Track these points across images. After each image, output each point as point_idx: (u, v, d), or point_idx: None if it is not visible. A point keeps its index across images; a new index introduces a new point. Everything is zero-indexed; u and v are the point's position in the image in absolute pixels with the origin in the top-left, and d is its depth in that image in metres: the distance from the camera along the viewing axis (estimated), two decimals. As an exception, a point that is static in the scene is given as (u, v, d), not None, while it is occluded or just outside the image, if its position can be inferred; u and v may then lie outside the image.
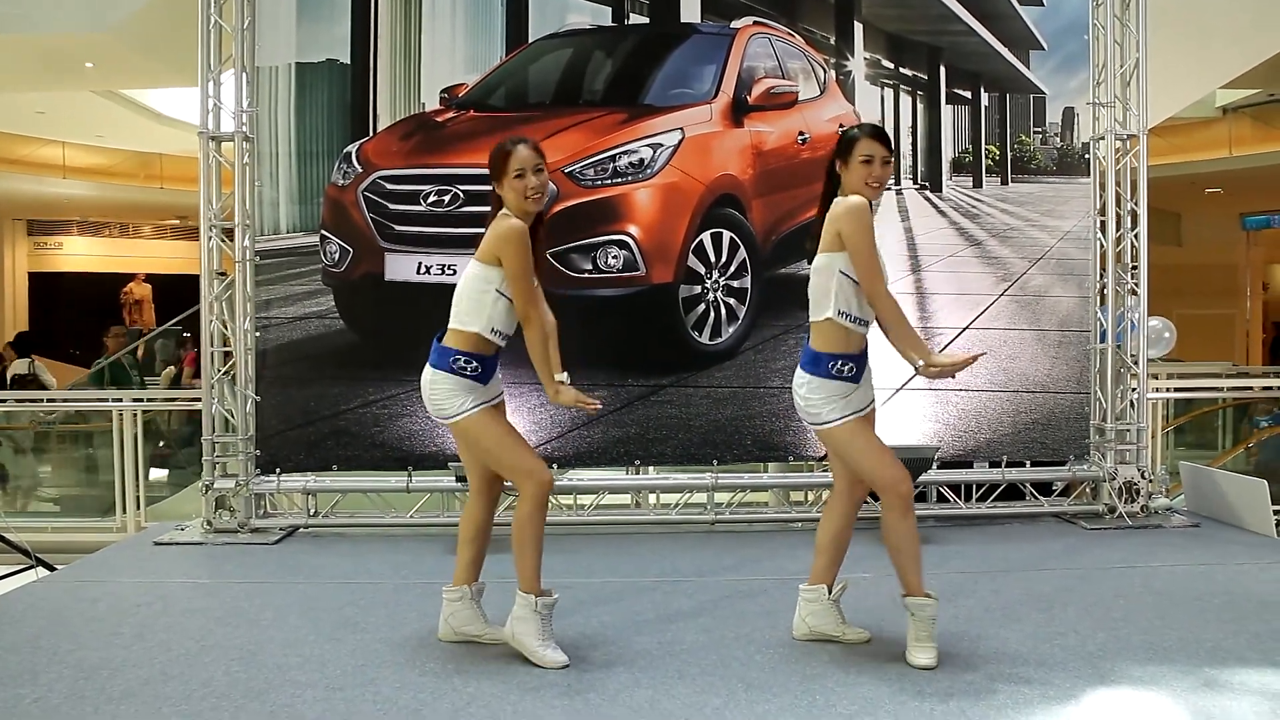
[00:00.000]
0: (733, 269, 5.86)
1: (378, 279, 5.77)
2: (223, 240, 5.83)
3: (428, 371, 3.66)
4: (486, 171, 3.65)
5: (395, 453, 5.79)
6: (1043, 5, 6.16)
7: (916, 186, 6.16)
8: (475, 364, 3.60)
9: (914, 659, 3.55)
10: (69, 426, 9.13)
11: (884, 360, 3.78)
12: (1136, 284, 5.97)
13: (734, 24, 5.98)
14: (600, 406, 3.67)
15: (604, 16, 6.01)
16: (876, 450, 3.59)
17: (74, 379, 12.97)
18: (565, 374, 3.66)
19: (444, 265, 5.64)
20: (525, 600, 3.61)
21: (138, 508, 7.32)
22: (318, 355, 5.89)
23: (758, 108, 5.91)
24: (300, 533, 5.86)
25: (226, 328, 5.86)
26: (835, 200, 3.59)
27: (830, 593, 3.83)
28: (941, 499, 6.12)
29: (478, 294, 3.59)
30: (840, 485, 3.83)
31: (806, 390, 3.60)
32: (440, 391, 3.62)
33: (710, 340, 5.86)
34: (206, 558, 5.42)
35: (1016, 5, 6.14)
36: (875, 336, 3.65)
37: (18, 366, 11.41)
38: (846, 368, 3.56)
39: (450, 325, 3.63)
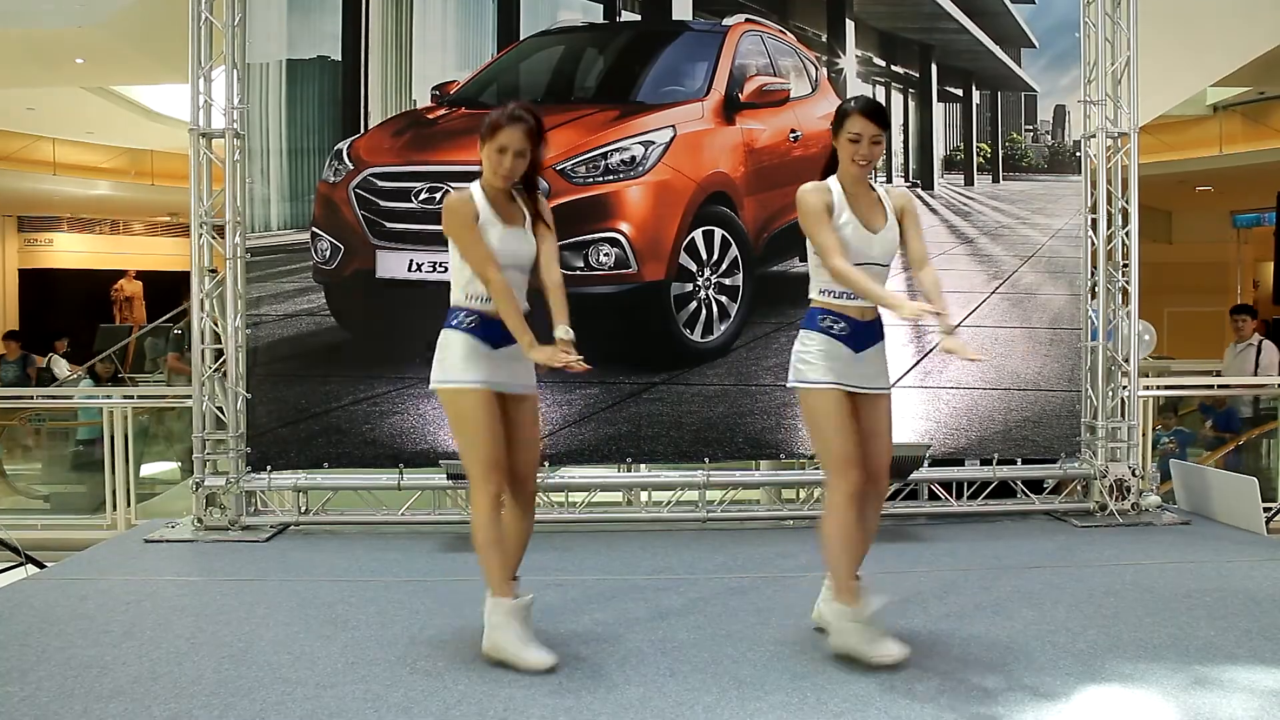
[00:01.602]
0: (724, 266, 5.86)
1: (369, 276, 5.76)
2: (213, 237, 5.82)
3: (441, 335, 3.61)
4: (478, 169, 3.64)
5: (386, 450, 5.78)
6: (1034, 3, 6.17)
7: (908, 184, 6.16)
8: (472, 317, 3.56)
9: (886, 653, 3.47)
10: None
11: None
12: (1128, 282, 5.98)
13: (726, 21, 5.97)
14: (581, 361, 3.45)
15: (595, 13, 6.00)
16: (844, 433, 3.52)
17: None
18: (566, 330, 3.53)
19: (435, 263, 5.63)
20: (501, 605, 3.55)
21: (128, 505, 7.30)
22: (309, 352, 5.88)
23: (750, 105, 5.91)
24: (291, 530, 5.85)
25: (217, 325, 5.84)
26: None
27: None
28: (933, 496, 6.14)
29: (456, 268, 3.61)
30: None
31: (799, 344, 3.60)
32: (449, 352, 3.56)
33: (702, 338, 5.86)
34: (197, 555, 5.40)
35: (1008, 3, 6.15)
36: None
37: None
38: (838, 325, 3.55)
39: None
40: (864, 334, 3.61)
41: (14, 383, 11.04)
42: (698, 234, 5.77)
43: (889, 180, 6.13)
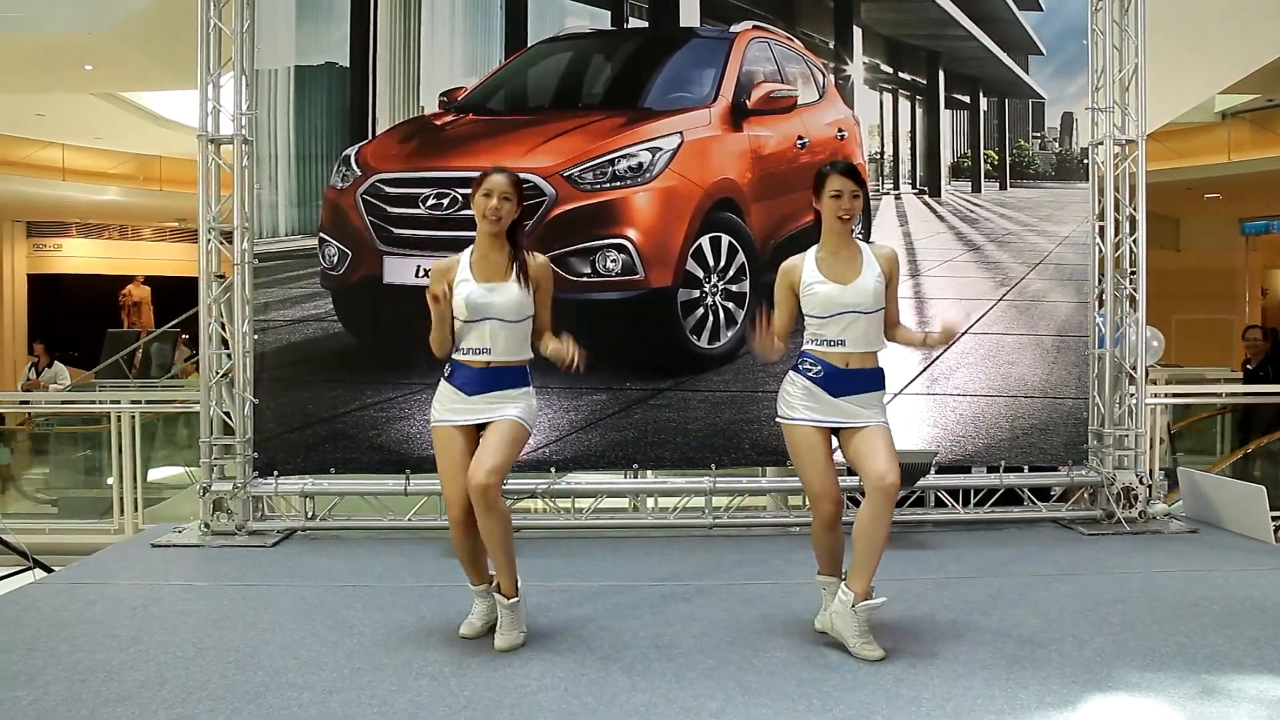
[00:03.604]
0: (731, 273, 5.86)
1: (376, 282, 5.77)
2: (221, 243, 5.83)
3: None
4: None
5: (393, 455, 5.79)
6: (1041, 10, 6.17)
7: (915, 191, 6.16)
8: (450, 368, 3.90)
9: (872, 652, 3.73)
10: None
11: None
12: (1135, 289, 5.97)
13: (733, 28, 5.98)
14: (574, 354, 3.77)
15: (603, 20, 6.01)
16: (817, 468, 3.82)
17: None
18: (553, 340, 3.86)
19: (442, 268, 5.63)
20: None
21: (135, 510, 7.31)
22: (316, 358, 5.89)
23: (757, 112, 5.91)
24: (298, 535, 5.86)
25: (225, 330, 5.86)
26: None
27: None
28: (939, 504, 6.13)
29: None
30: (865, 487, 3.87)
31: (784, 383, 3.92)
32: (437, 392, 3.94)
33: (709, 344, 5.86)
34: (204, 560, 5.41)
35: (1015, 10, 6.15)
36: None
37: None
38: (813, 369, 3.82)
39: None
40: (842, 380, 3.81)
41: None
42: (705, 240, 5.78)
43: (896, 187, 6.13)
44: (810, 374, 3.82)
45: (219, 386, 5.85)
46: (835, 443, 3.86)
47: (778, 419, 3.91)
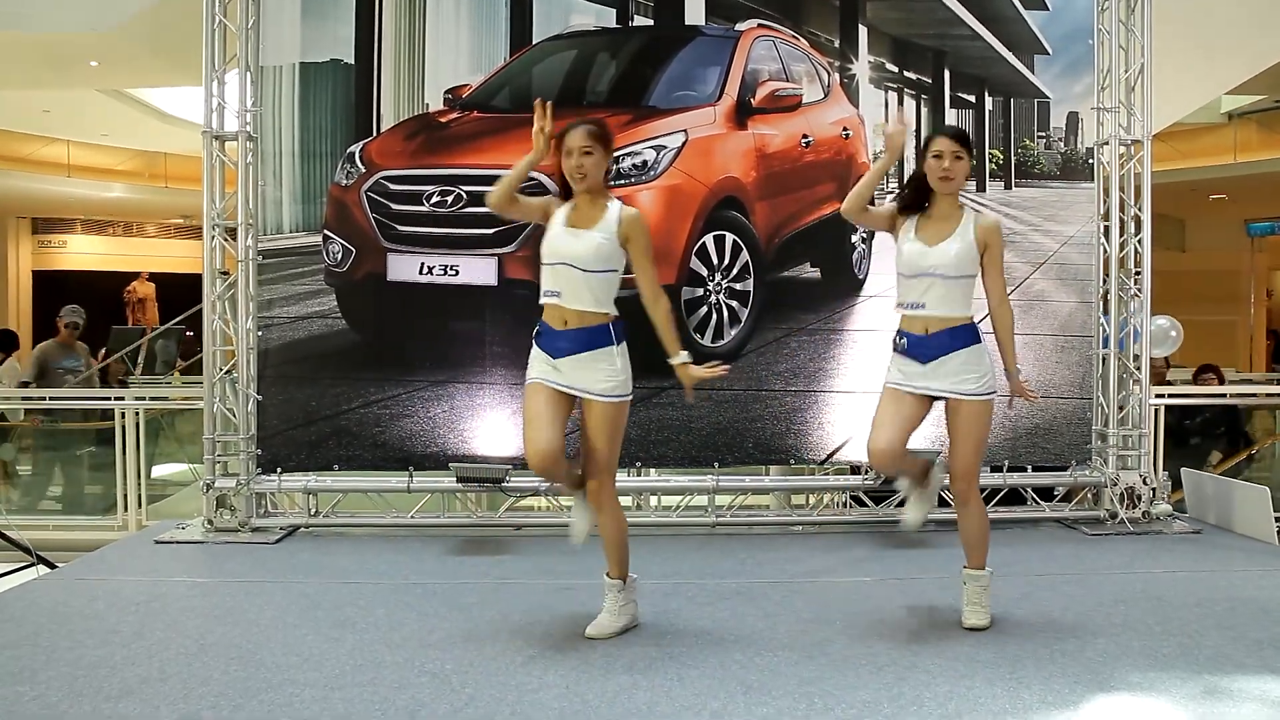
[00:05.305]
0: (735, 271, 5.85)
1: (380, 279, 5.77)
2: (226, 239, 5.84)
3: None
4: (490, 172, 3.71)
5: (396, 453, 5.79)
6: (1047, 10, 6.15)
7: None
8: (538, 328, 3.86)
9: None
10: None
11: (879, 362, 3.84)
12: (1140, 289, 5.96)
13: (738, 26, 5.97)
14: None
15: (608, 18, 6.01)
16: (881, 426, 3.96)
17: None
18: (679, 356, 3.93)
19: (446, 266, 5.64)
20: None
21: (139, 506, 7.32)
22: (320, 355, 5.90)
23: (762, 110, 5.90)
24: (301, 532, 5.86)
25: (229, 327, 5.86)
26: None
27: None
28: (943, 503, 6.08)
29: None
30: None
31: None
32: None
33: (712, 343, 5.85)
34: (207, 556, 5.42)
35: (1021, 9, 6.14)
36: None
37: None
38: (900, 341, 3.99)
39: None
40: (928, 346, 3.93)
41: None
42: (709, 239, 5.77)
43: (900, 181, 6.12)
44: (897, 346, 3.98)
45: (223, 383, 5.86)
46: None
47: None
